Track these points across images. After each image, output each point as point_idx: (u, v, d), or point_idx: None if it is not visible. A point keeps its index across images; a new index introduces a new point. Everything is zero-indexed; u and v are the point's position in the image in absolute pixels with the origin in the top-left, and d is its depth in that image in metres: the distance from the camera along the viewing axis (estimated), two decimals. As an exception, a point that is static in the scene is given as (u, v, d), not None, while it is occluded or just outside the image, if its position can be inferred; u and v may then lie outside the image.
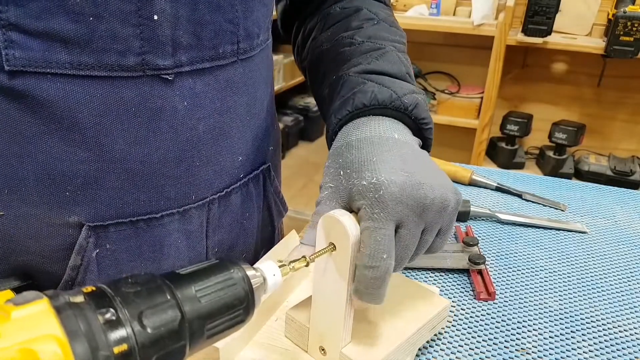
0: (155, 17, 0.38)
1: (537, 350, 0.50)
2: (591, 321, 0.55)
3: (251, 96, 0.49)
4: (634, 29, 1.82)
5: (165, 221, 0.45)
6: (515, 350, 0.50)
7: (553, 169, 2.17)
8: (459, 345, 0.50)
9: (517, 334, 0.52)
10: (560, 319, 0.55)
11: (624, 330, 0.54)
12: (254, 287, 0.33)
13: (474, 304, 0.57)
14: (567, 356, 0.49)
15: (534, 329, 0.53)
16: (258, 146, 0.53)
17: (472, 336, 0.52)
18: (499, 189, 0.85)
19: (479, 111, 2.21)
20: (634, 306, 0.58)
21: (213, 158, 0.47)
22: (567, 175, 2.13)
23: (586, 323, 0.54)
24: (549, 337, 0.52)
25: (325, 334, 0.43)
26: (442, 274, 0.62)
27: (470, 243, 0.65)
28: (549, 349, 0.50)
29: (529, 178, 0.91)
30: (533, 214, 0.78)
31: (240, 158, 0.50)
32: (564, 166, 2.17)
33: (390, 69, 0.49)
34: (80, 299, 0.25)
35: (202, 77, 0.43)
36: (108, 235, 0.42)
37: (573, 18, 2.10)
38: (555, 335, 0.52)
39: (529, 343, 0.51)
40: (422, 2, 2.26)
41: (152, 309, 0.27)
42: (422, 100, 0.47)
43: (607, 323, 0.55)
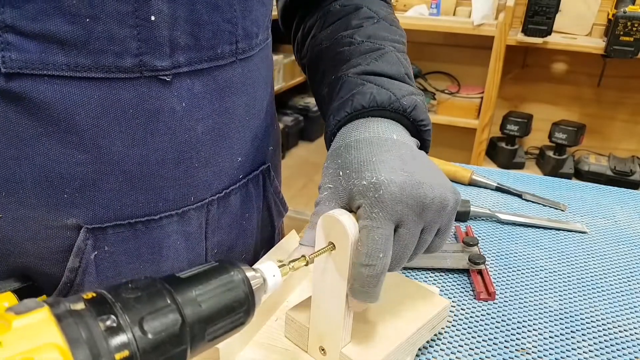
0: (153, 18, 0.38)
1: (537, 350, 0.50)
2: (591, 321, 0.55)
3: (250, 96, 0.49)
4: (634, 29, 1.83)
5: (163, 223, 0.45)
6: (515, 350, 0.50)
7: (553, 169, 2.17)
8: (459, 345, 0.50)
9: (517, 334, 0.52)
10: (560, 319, 0.55)
11: (624, 330, 0.54)
12: (254, 289, 0.32)
13: (474, 304, 0.57)
14: (567, 356, 0.49)
15: (534, 329, 0.53)
16: (257, 146, 0.53)
17: (472, 336, 0.52)
18: (499, 189, 0.85)
19: (479, 111, 2.21)
20: (634, 306, 0.58)
21: (212, 159, 0.46)
22: (567, 175, 2.13)
23: (586, 323, 0.54)
24: (549, 337, 0.52)
25: (325, 334, 0.43)
26: (442, 274, 0.62)
27: (470, 243, 0.65)
28: (549, 349, 0.50)
29: (529, 178, 0.91)
30: (533, 214, 0.78)
31: (240, 159, 0.50)
32: (564, 166, 2.18)
33: (389, 70, 0.48)
34: (80, 306, 0.25)
35: (201, 78, 0.43)
36: (106, 238, 0.42)
37: (573, 18, 2.10)
38: (555, 335, 0.52)
39: (529, 343, 0.51)
40: (422, 2, 2.26)
41: (153, 314, 0.27)
42: (421, 102, 0.47)
43: (607, 323, 0.55)
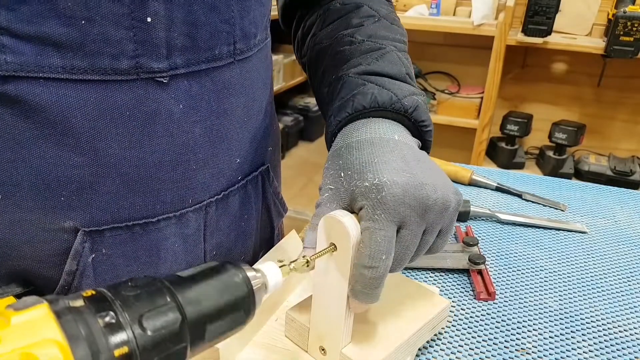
0: (149, 20, 0.37)
1: (537, 350, 0.50)
2: (591, 321, 0.55)
3: (249, 97, 0.49)
4: (634, 29, 1.83)
5: (161, 225, 0.44)
6: (515, 350, 0.50)
7: (553, 169, 2.17)
8: (459, 345, 0.50)
9: (517, 334, 0.52)
10: (560, 319, 0.55)
11: (624, 330, 0.54)
12: (254, 289, 0.32)
13: (474, 304, 0.57)
14: (567, 356, 0.50)
15: (534, 329, 0.53)
16: (256, 147, 0.53)
17: (472, 336, 0.52)
18: (499, 189, 0.85)
19: (479, 111, 2.21)
20: (634, 306, 0.58)
21: (210, 161, 0.46)
22: (567, 175, 2.13)
23: (586, 323, 0.54)
24: (549, 337, 0.52)
25: (326, 334, 0.43)
26: (442, 274, 0.62)
27: (470, 243, 0.65)
28: (549, 349, 0.50)
29: (529, 178, 0.91)
30: (533, 214, 0.78)
31: (238, 160, 0.49)
32: (564, 166, 2.18)
33: (391, 70, 0.48)
34: (80, 303, 0.25)
35: (198, 79, 0.42)
36: (104, 240, 0.42)
37: (573, 18, 2.10)
38: (555, 335, 0.52)
39: (529, 343, 0.51)
40: (422, 2, 2.26)
41: (153, 311, 0.27)
42: (422, 102, 0.47)
43: (607, 323, 0.55)
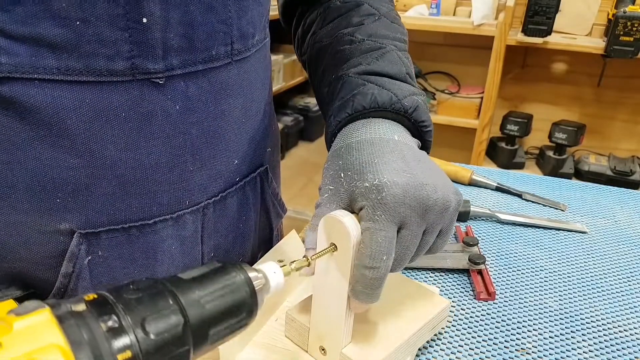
0: (144, 20, 0.37)
1: (537, 350, 0.50)
2: (591, 321, 0.55)
3: (247, 98, 0.49)
4: (634, 29, 1.83)
5: (158, 227, 0.44)
6: (515, 350, 0.50)
7: (553, 169, 2.17)
8: (459, 345, 0.50)
9: (517, 334, 0.52)
10: (560, 319, 0.55)
11: (624, 330, 0.54)
12: (256, 289, 0.32)
13: (474, 304, 0.57)
14: (567, 356, 0.50)
15: (534, 329, 0.53)
16: (255, 148, 0.53)
17: (472, 336, 0.52)
18: (499, 189, 0.85)
19: (479, 111, 2.21)
20: (634, 306, 0.58)
21: (207, 162, 0.45)
22: (567, 175, 2.13)
23: (586, 323, 0.54)
24: (549, 337, 0.52)
25: (326, 334, 0.43)
26: (442, 274, 0.62)
27: (470, 243, 0.65)
28: (549, 349, 0.50)
29: (529, 178, 0.91)
30: (533, 214, 0.78)
31: (236, 161, 0.49)
32: (564, 166, 2.17)
33: (391, 70, 0.48)
34: (82, 307, 0.25)
35: (195, 80, 0.42)
36: (100, 242, 0.42)
37: (573, 18, 2.10)
38: (555, 335, 0.52)
39: (529, 343, 0.51)
40: (422, 2, 2.25)
41: (155, 315, 0.27)
42: (423, 103, 0.46)
43: (607, 323, 0.55)
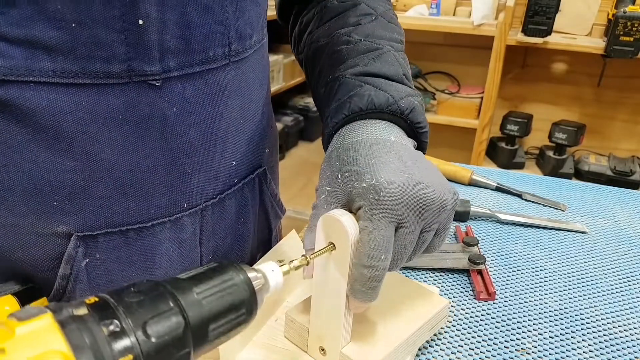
0: (141, 22, 0.37)
1: (537, 350, 0.50)
2: (591, 321, 0.55)
3: (245, 99, 0.48)
4: (634, 29, 1.82)
5: (156, 230, 0.44)
6: (515, 350, 0.50)
7: (553, 169, 2.17)
8: (459, 345, 0.50)
9: (517, 334, 0.52)
10: (560, 319, 0.55)
11: (624, 330, 0.54)
12: (256, 289, 0.32)
13: (474, 304, 0.57)
14: (567, 356, 0.49)
15: (534, 329, 0.53)
16: (253, 149, 0.52)
17: (472, 336, 0.52)
18: (499, 189, 0.85)
19: (479, 111, 2.21)
20: (634, 306, 0.58)
21: (205, 164, 0.45)
22: (567, 175, 2.13)
23: (586, 323, 0.54)
24: (549, 337, 0.52)
25: (325, 334, 0.43)
26: (442, 274, 0.62)
27: (470, 243, 0.65)
28: (549, 349, 0.50)
29: (529, 178, 0.91)
30: (533, 214, 0.77)
31: (234, 163, 0.49)
32: (564, 166, 2.17)
33: (388, 71, 0.48)
34: (83, 311, 0.25)
35: (192, 82, 0.42)
36: (97, 245, 0.41)
37: (573, 18, 2.10)
38: (555, 335, 0.52)
39: (529, 343, 0.51)
40: (422, 2, 2.25)
41: (156, 317, 0.27)
42: (419, 104, 0.46)
43: (607, 323, 0.55)
